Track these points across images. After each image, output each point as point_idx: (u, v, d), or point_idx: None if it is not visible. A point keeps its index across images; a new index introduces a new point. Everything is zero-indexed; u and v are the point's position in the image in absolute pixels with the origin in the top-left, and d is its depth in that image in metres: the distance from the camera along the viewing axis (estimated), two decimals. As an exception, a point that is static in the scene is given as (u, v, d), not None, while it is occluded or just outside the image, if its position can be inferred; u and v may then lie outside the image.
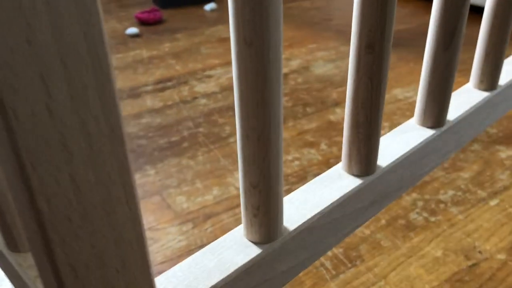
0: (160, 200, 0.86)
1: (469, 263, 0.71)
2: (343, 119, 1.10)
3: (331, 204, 0.35)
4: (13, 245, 0.31)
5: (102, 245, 0.21)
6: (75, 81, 0.18)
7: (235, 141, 1.03)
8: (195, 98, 1.22)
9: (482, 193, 0.85)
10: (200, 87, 1.27)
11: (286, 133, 1.05)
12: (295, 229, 0.32)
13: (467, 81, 1.27)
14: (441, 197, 0.84)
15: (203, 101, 1.20)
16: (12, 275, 0.33)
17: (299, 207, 0.34)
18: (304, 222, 0.33)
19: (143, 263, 0.23)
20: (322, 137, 1.03)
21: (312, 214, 0.34)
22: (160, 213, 0.82)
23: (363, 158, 0.37)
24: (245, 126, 0.27)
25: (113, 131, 0.20)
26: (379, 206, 0.40)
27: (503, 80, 0.51)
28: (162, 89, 1.27)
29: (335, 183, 0.37)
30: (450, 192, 0.85)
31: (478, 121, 0.48)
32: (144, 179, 0.92)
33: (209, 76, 1.33)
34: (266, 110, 0.27)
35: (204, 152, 1.00)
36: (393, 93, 1.21)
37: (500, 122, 1.07)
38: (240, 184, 0.30)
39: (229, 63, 1.41)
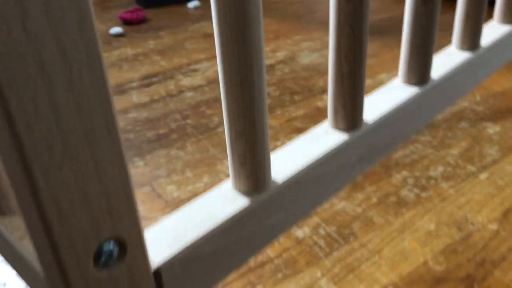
0: (151, 190, 0.85)
1: (462, 234, 0.71)
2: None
3: (319, 157, 0.35)
4: (-2, 208, 0.31)
5: (85, 179, 0.21)
6: (50, 1, 0.17)
7: (224, 131, 1.03)
8: (182, 91, 1.22)
9: (471, 168, 0.85)
10: (186, 81, 1.27)
11: (274, 121, 1.05)
12: (283, 182, 0.32)
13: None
14: (431, 173, 0.85)
15: (189, 94, 1.20)
16: (-2, 242, 0.33)
17: (287, 161, 0.34)
18: (292, 175, 0.33)
19: (129, 204, 0.23)
20: (310, 122, 1.03)
21: (300, 167, 0.33)
22: (151, 203, 0.82)
23: (349, 112, 0.37)
24: (227, 69, 0.27)
25: (91, 54, 0.19)
26: (366, 163, 0.40)
27: (484, 41, 0.51)
28: (148, 85, 1.26)
29: (322, 138, 0.37)
30: (440, 168, 0.86)
31: (462, 81, 0.48)
32: (134, 171, 0.91)
33: (195, 70, 1.33)
34: (248, 51, 0.26)
35: (192, 142, 0.99)
36: (379, 78, 1.22)
37: (486, 100, 1.08)
38: (226, 132, 0.30)
39: (214, 57, 1.41)
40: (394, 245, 0.70)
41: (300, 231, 0.73)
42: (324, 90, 1.16)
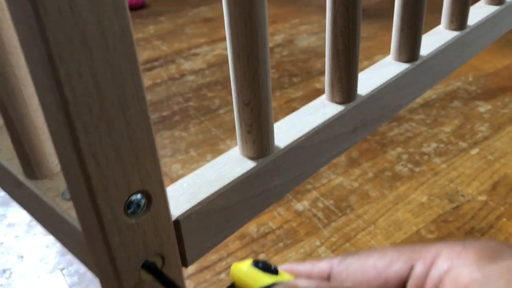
0: (156, 169, 0.89)
1: (453, 205, 0.75)
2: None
3: (317, 126, 0.38)
4: (32, 173, 0.34)
5: (118, 138, 0.24)
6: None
7: (226, 112, 1.06)
8: (183, 75, 1.25)
9: (463, 144, 0.89)
10: (187, 65, 1.30)
11: (274, 102, 1.08)
12: (285, 147, 0.36)
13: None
14: (425, 149, 0.89)
15: (191, 77, 1.23)
16: (28, 203, 0.36)
17: (288, 130, 0.38)
18: (293, 141, 0.37)
19: (154, 161, 0.27)
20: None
21: (300, 135, 0.37)
22: (157, 180, 0.85)
23: (344, 86, 0.40)
24: (236, 46, 0.31)
25: (123, 31, 0.23)
26: (361, 133, 0.43)
27: (472, 21, 0.55)
28: (150, 69, 1.30)
29: (320, 110, 0.40)
30: (433, 145, 0.90)
31: (450, 58, 0.52)
32: (139, 151, 0.94)
33: (196, 54, 1.36)
34: (254, 30, 0.30)
35: (195, 124, 1.03)
36: (375, 59, 1.25)
37: (479, 80, 1.11)
38: (234, 103, 0.34)
39: (214, 41, 1.44)
40: (389, 216, 0.74)
41: (300, 204, 0.77)
42: (322, 72, 1.19)
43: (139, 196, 0.27)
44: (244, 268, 0.24)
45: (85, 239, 0.28)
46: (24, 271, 0.68)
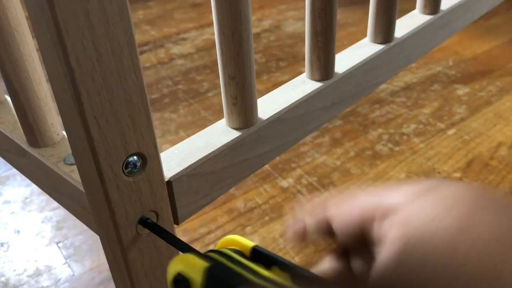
0: (147, 149, 0.92)
1: (429, 182, 0.79)
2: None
3: (297, 101, 0.42)
4: (35, 142, 0.38)
5: (117, 103, 0.28)
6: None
7: (214, 95, 1.10)
8: (172, 59, 1.27)
9: (441, 125, 0.94)
10: (176, 49, 1.32)
11: (261, 86, 1.11)
12: (267, 119, 0.39)
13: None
14: (404, 130, 0.93)
15: (180, 61, 1.26)
16: (32, 171, 0.40)
17: (271, 104, 0.41)
18: (274, 114, 0.40)
19: (148, 126, 0.30)
20: (294, 86, 1.10)
21: (281, 108, 0.41)
22: (148, 160, 0.89)
23: (322, 64, 0.44)
24: (221, 24, 0.34)
25: (122, 9, 0.26)
26: (338, 108, 0.47)
27: (444, 6, 0.58)
28: (140, 53, 1.32)
29: (300, 87, 0.44)
30: (413, 126, 0.94)
31: (423, 41, 0.56)
32: (130, 132, 0.97)
33: (184, 39, 1.38)
34: (237, 9, 0.33)
35: (184, 106, 1.06)
36: (360, 44, 1.28)
37: (458, 65, 1.15)
38: (220, 78, 0.37)
39: (203, 26, 1.46)
40: (369, 192, 0.78)
41: (285, 181, 0.81)
42: (307, 57, 1.23)
43: (135, 157, 0.30)
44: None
45: (87, 198, 0.32)
46: (21, 244, 0.72)
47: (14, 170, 0.87)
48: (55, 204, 0.78)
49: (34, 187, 0.82)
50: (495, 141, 0.88)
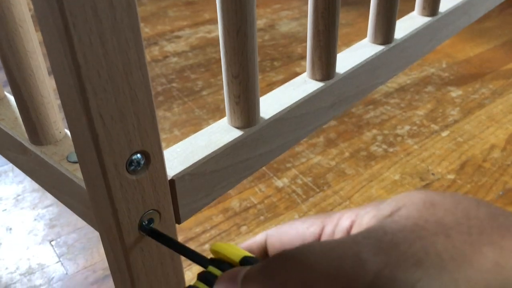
0: (141, 147, 0.91)
1: (423, 183, 0.80)
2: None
3: (298, 100, 0.42)
4: (37, 140, 0.37)
5: (122, 100, 0.27)
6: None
7: (208, 94, 1.09)
8: (166, 57, 1.27)
9: (435, 127, 0.94)
10: (170, 47, 1.32)
11: (255, 85, 1.11)
12: (269, 118, 0.39)
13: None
14: (399, 131, 0.93)
15: (174, 59, 1.25)
16: (33, 169, 0.39)
17: (272, 103, 0.41)
18: (276, 113, 0.40)
19: (153, 124, 0.30)
20: (289, 86, 1.10)
21: (283, 107, 0.40)
22: (142, 158, 0.88)
23: (324, 64, 0.43)
24: (226, 22, 0.34)
25: (130, 5, 0.25)
26: (338, 108, 0.47)
27: (443, 8, 0.59)
28: (134, 50, 1.31)
29: (301, 86, 0.44)
30: (407, 127, 0.94)
31: (422, 42, 0.56)
32: (124, 130, 0.97)
33: (178, 37, 1.38)
34: (242, 7, 0.33)
35: (179, 104, 1.05)
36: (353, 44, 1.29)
37: (452, 67, 1.16)
38: (224, 76, 0.37)
39: (197, 24, 1.46)
40: (363, 192, 0.78)
41: (280, 181, 0.80)
42: (302, 57, 1.23)
43: (139, 155, 0.30)
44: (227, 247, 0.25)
45: (90, 196, 0.31)
46: (13, 242, 0.71)
47: (6, 167, 0.86)
48: (48, 201, 0.77)
49: (27, 184, 0.81)
50: (488, 143, 0.88)
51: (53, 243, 0.70)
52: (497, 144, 0.88)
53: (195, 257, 0.28)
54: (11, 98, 0.42)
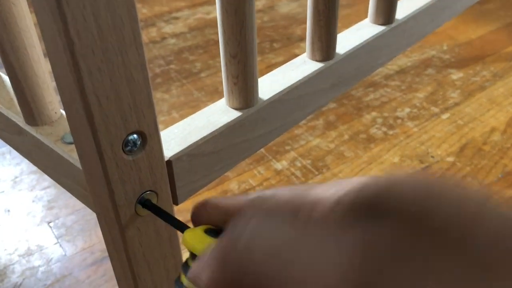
0: (139, 129, 0.91)
1: (423, 165, 0.80)
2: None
3: (298, 81, 0.41)
4: (32, 120, 0.36)
5: (118, 80, 0.27)
6: None
7: (207, 76, 1.08)
8: (164, 38, 1.25)
9: (435, 109, 0.94)
10: (168, 28, 1.30)
11: (254, 67, 1.10)
12: (268, 99, 0.39)
13: None
14: (399, 114, 0.93)
15: (172, 41, 1.24)
16: (29, 149, 0.39)
17: (271, 84, 0.41)
18: (275, 94, 0.39)
19: (149, 104, 0.29)
20: (288, 68, 1.09)
21: (282, 88, 0.40)
22: (140, 140, 0.88)
23: (324, 45, 0.43)
24: (224, 1, 0.33)
25: (125, -19, 0.25)
26: (338, 89, 0.46)
27: (445, -12, 0.58)
28: (132, 31, 1.29)
29: (301, 67, 0.43)
30: (407, 110, 0.94)
31: (424, 22, 0.55)
32: (122, 112, 0.96)
33: (176, 18, 1.36)
34: (241, -14, 0.32)
35: (177, 86, 1.05)
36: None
37: (453, 49, 1.15)
38: (221, 56, 0.36)
39: (195, 5, 1.44)
40: (362, 174, 0.78)
41: (279, 164, 0.80)
42: (301, 38, 1.21)
43: (135, 136, 0.29)
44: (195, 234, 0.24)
45: (86, 176, 0.31)
46: (11, 224, 0.71)
47: (4, 149, 0.85)
48: (46, 183, 0.77)
49: (24, 166, 0.81)
50: (488, 126, 0.88)
51: (51, 224, 0.70)
52: (498, 127, 0.88)
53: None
54: (6, 78, 0.41)
